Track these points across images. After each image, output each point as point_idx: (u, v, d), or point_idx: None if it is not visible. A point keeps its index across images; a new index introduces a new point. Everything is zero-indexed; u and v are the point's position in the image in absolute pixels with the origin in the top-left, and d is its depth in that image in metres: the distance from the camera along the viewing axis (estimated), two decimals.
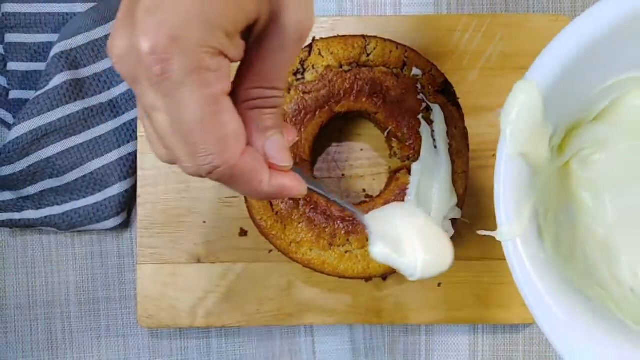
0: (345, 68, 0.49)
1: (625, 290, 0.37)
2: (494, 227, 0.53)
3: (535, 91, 0.33)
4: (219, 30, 0.22)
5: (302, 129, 0.49)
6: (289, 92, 0.49)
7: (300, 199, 0.48)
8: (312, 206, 0.48)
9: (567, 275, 0.34)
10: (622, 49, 0.34)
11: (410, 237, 0.37)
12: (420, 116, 0.49)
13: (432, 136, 0.49)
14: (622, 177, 0.39)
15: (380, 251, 0.37)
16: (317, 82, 0.49)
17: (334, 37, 0.50)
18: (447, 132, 0.49)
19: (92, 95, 0.54)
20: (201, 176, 0.25)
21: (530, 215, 0.34)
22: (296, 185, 0.27)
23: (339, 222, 0.48)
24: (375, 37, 0.50)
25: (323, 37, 0.50)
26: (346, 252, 0.48)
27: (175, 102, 0.22)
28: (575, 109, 0.38)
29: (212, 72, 0.22)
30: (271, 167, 0.27)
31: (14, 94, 0.55)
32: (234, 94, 0.25)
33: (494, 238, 0.52)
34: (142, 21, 0.21)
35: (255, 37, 0.25)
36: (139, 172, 0.53)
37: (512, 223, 0.33)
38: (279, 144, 0.26)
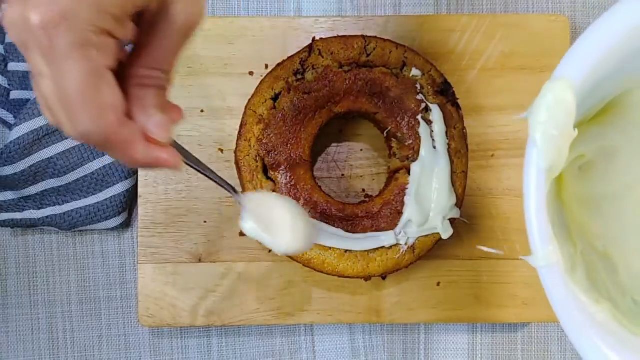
0: (345, 68, 0.49)
1: (626, 300, 0.35)
2: (492, 227, 0.53)
3: (568, 90, 0.29)
4: (107, 14, 0.25)
5: (302, 129, 0.49)
6: (288, 93, 0.49)
7: (300, 198, 0.48)
8: (311, 206, 0.48)
9: (579, 289, 0.32)
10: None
11: (279, 219, 0.40)
12: (419, 116, 0.49)
13: (432, 136, 0.49)
14: (621, 188, 0.36)
15: (250, 227, 0.39)
16: (317, 82, 0.49)
17: (334, 37, 0.50)
18: (447, 133, 0.49)
19: None
20: (80, 141, 0.28)
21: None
22: (171, 159, 0.30)
23: (338, 221, 0.48)
24: (374, 37, 0.50)
25: (323, 37, 0.50)
26: (346, 251, 0.48)
27: (60, 71, 0.25)
28: (586, 109, 0.35)
29: (95, 48, 0.25)
30: (150, 140, 0.29)
31: (15, 94, 0.55)
32: (126, 72, 0.28)
33: (492, 239, 0.53)
34: None
35: (147, 22, 0.27)
36: (140, 172, 0.53)
37: (548, 246, 0.29)
38: (158, 120, 0.29)
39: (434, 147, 0.49)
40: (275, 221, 0.40)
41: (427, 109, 0.49)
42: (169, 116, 0.30)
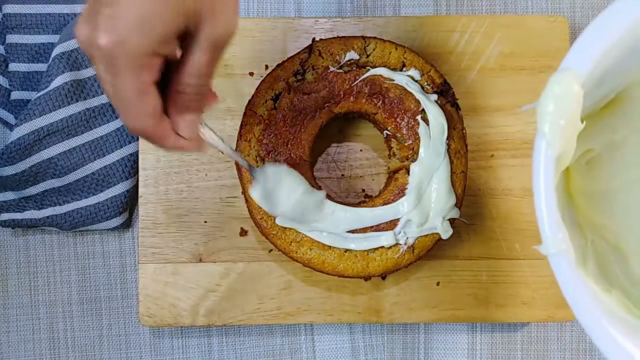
0: (345, 69, 0.49)
1: (638, 289, 0.35)
2: (492, 227, 0.53)
3: (574, 81, 0.30)
4: (154, 38, 0.31)
5: (302, 130, 0.49)
6: (288, 93, 0.49)
7: None
8: None
9: (592, 280, 0.32)
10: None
11: (281, 192, 0.46)
12: (419, 117, 0.49)
13: (431, 137, 0.49)
14: (628, 180, 0.37)
15: (258, 195, 0.45)
16: (316, 82, 0.49)
17: (334, 38, 0.50)
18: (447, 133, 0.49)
19: (94, 96, 0.54)
20: (132, 133, 0.37)
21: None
22: (193, 146, 0.38)
23: None
24: (374, 38, 0.50)
25: (323, 38, 0.50)
26: (346, 251, 0.49)
27: (116, 83, 0.32)
28: (592, 102, 0.35)
29: (145, 69, 0.32)
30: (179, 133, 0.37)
31: (15, 95, 0.55)
32: (171, 79, 0.35)
33: (491, 237, 0.53)
34: (102, 24, 0.31)
35: (187, 41, 0.34)
36: (141, 172, 0.53)
37: (558, 234, 0.29)
38: (187, 121, 0.36)
39: (434, 148, 0.49)
40: (278, 193, 0.45)
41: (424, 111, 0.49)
42: (205, 103, 0.37)
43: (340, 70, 0.49)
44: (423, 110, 0.49)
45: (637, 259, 0.36)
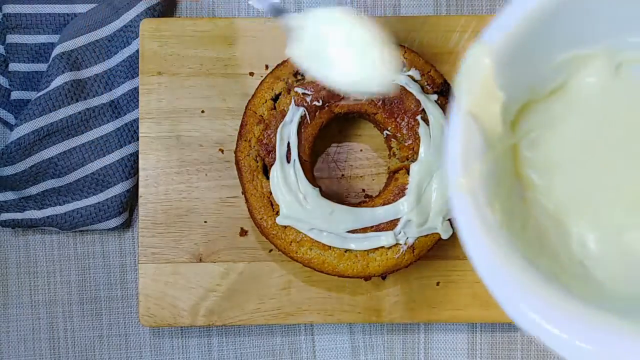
0: None
1: (575, 263, 0.38)
2: None
3: (485, 53, 0.34)
4: None
5: (302, 130, 0.49)
6: (288, 93, 0.49)
7: None
8: None
9: (518, 246, 0.34)
10: (566, 23, 0.35)
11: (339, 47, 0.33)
12: (419, 117, 0.49)
13: (431, 137, 0.49)
14: (571, 156, 0.40)
15: (297, 52, 0.34)
16: (316, 83, 0.49)
17: None
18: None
19: (94, 96, 0.54)
20: None
21: (481, 178, 0.34)
22: None
23: None
24: None
25: None
26: (346, 251, 0.49)
27: None
28: (527, 85, 0.39)
29: None
30: None
31: (15, 95, 0.55)
32: None
33: None
34: None
35: None
36: (141, 172, 0.53)
37: (460, 176, 0.33)
38: None
39: (434, 148, 0.49)
40: (332, 50, 0.33)
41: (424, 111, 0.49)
42: None
43: None
44: (423, 110, 0.49)
45: (577, 234, 0.39)
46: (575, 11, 0.35)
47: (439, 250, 0.52)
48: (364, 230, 0.48)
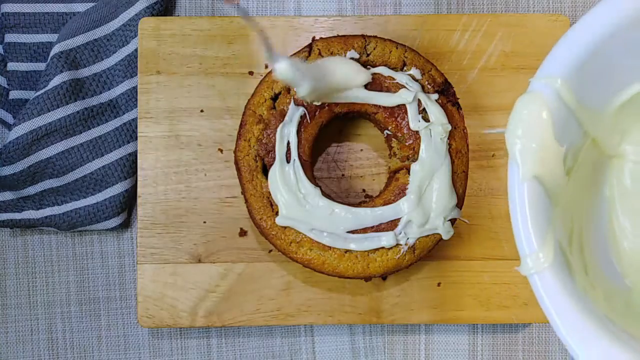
0: None
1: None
2: (493, 227, 0.53)
3: (541, 104, 0.30)
4: None
5: (302, 130, 0.49)
6: (288, 93, 0.49)
7: None
8: None
9: (602, 311, 0.31)
10: (625, 57, 0.32)
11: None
12: (419, 116, 0.49)
13: (431, 136, 0.49)
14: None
15: (283, 68, 0.41)
16: None
17: (334, 37, 0.50)
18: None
19: (92, 96, 0.54)
20: None
21: (555, 244, 0.30)
22: None
23: None
24: (374, 37, 0.50)
25: (323, 37, 0.50)
26: (346, 252, 0.48)
27: None
28: (589, 126, 0.34)
29: None
30: None
31: (14, 94, 0.55)
32: None
33: (493, 238, 0.52)
34: None
35: None
36: (139, 172, 0.53)
37: (536, 253, 0.29)
38: None
39: (434, 147, 0.48)
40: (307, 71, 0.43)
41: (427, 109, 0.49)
42: None
43: None
44: (424, 109, 0.48)
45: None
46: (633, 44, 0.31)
47: (440, 250, 0.51)
48: (364, 230, 0.48)
